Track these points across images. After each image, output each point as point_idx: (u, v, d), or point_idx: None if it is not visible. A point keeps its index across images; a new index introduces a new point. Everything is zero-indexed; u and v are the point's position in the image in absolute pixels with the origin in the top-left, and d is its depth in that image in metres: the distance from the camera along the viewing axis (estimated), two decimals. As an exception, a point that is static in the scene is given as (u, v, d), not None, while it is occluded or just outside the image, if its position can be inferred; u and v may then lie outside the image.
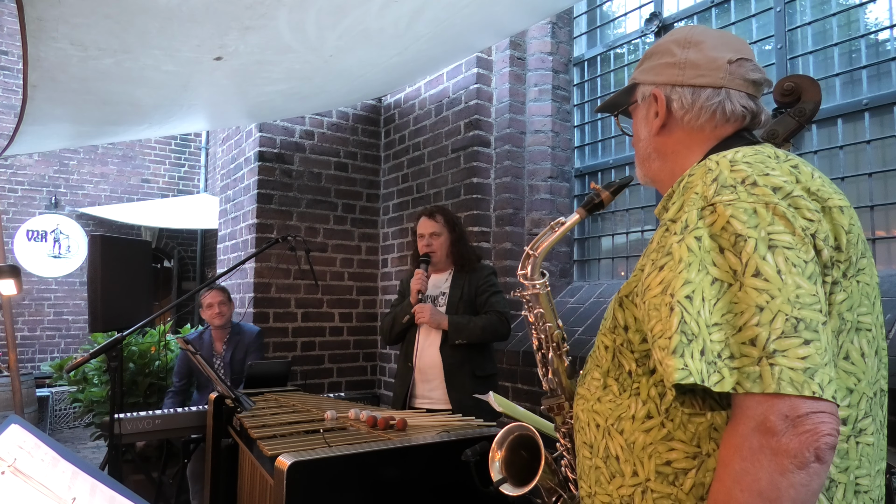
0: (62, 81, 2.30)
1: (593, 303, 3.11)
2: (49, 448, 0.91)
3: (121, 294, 3.36)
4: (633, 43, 3.26)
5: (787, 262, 0.68)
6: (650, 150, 0.97)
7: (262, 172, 3.91)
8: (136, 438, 2.78)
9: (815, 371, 0.64)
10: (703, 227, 0.72)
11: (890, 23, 2.30)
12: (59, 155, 7.21)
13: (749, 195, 0.72)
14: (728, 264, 0.70)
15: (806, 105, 0.93)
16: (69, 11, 1.74)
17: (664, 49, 0.96)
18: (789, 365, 0.64)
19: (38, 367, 6.69)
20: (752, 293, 0.67)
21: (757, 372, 0.65)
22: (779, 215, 0.70)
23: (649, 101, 0.96)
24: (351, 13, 2.09)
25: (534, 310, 1.06)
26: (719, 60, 0.90)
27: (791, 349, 0.65)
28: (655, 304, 0.73)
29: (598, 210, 1.04)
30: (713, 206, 0.73)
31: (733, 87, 0.90)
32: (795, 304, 0.66)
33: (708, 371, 0.67)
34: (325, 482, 1.52)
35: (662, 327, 0.71)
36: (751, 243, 0.69)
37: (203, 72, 2.44)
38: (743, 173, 0.74)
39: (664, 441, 0.78)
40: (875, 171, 2.29)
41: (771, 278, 0.67)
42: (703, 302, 0.69)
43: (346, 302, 4.20)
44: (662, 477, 0.78)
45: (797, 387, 0.64)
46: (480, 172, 3.47)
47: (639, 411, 0.82)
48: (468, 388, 2.38)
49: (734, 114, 0.90)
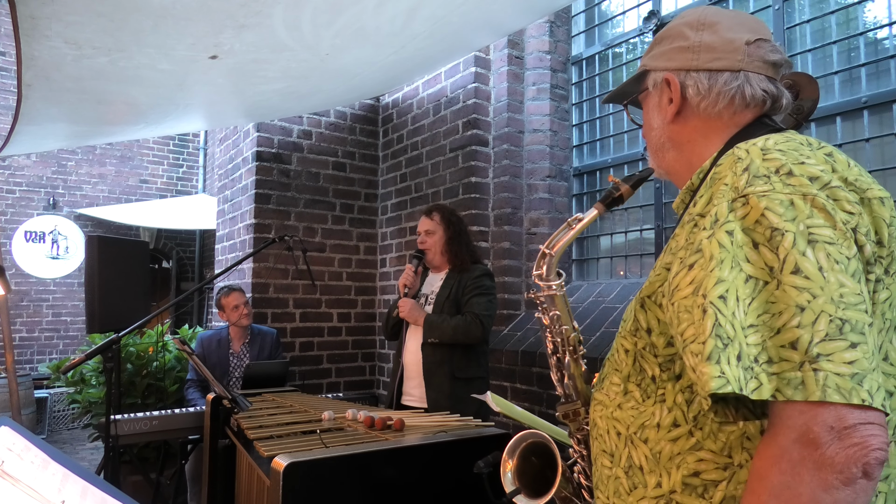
0: (57, 80, 2.29)
1: (592, 302, 3.10)
2: (39, 450, 0.90)
3: (118, 295, 3.35)
4: (632, 42, 3.25)
5: (829, 258, 0.62)
6: (664, 139, 0.91)
7: (260, 172, 3.90)
8: (133, 440, 2.77)
9: (863, 377, 0.59)
10: (735, 221, 0.67)
11: (889, 20, 2.30)
12: (56, 155, 7.20)
13: (785, 185, 0.66)
14: (763, 260, 0.64)
15: (804, 103, 0.92)
16: (62, 9, 1.73)
17: (676, 32, 0.89)
18: (835, 370, 0.59)
19: (37, 369, 6.68)
20: (792, 292, 0.61)
21: (799, 378, 0.60)
22: (818, 207, 0.65)
23: (661, 87, 0.90)
24: (346, 11, 2.08)
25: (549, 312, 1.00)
26: (737, 42, 0.83)
27: (837, 353, 0.59)
28: (686, 305, 0.68)
29: (617, 205, 0.97)
30: (745, 197, 0.67)
31: (752, 69, 0.83)
32: (840, 303, 0.61)
33: (745, 377, 0.61)
34: (321, 483, 1.51)
35: (695, 331, 0.66)
36: (789, 238, 0.63)
37: (198, 71, 2.43)
38: (777, 162, 0.69)
39: (692, 451, 0.74)
40: (874, 168, 2.28)
41: (812, 276, 0.61)
42: (737, 302, 0.64)
43: (345, 302, 4.19)
44: (690, 489, 0.74)
45: (844, 394, 0.58)
46: (479, 172, 3.46)
47: (664, 419, 0.77)
48: (445, 388, 2.40)
49: (755, 98, 0.83)
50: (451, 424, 1.92)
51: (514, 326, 3.33)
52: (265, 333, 3.50)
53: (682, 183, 0.90)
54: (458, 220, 2.66)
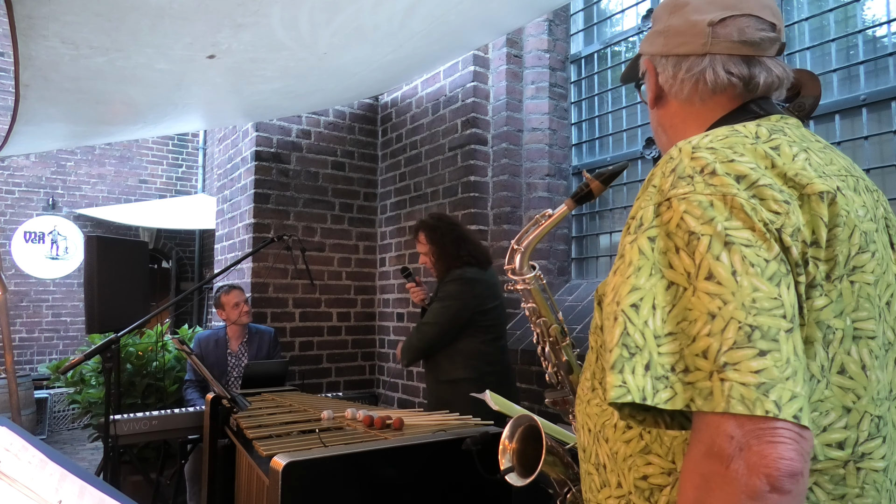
0: (55, 80, 2.29)
1: (591, 301, 3.10)
2: (37, 450, 0.90)
3: (118, 295, 3.35)
4: (631, 40, 3.25)
5: (744, 261, 0.60)
6: (654, 124, 0.92)
7: (259, 172, 3.90)
8: (133, 440, 2.77)
9: (770, 387, 0.56)
10: (660, 226, 0.65)
11: (887, 18, 2.29)
12: (56, 156, 7.19)
13: (706, 186, 0.64)
14: (683, 266, 0.62)
15: (805, 100, 0.92)
16: (59, 9, 1.72)
17: (656, 15, 0.88)
18: (741, 380, 0.56)
19: (36, 369, 6.68)
20: (705, 298, 0.59)
21: (708, 388, 0.58)
22: (736, 208, 0.62)
23: (648, 72, 0.90)
24: (344, 10, 2.08)
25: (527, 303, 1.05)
26: (699, 24, 0.79)
27: (743, 362, 0.57)
28: (608, 312, 0.67)
29: (587, 200, 1.00)
30: (669, 200, 0.65)
31: (719, 51, 0.79)
32: (751, 309, 0.58)
33: (654, 388, 0.60)
34: (320, 482, 1.51)
35: (609, 337, 0.65)
36: (704, 241, 0.61)
37: (196, 70, 2.42)
38: (702, 161, 0.66)
39: (642, 454, 0.74)
40: (873, 166, 2.28)
41: (724, 281, 0.59)
42: (653, 310, 0.62)
43: (344, 301, 4.19)
44: (640, 492, 0.74)
45: (748, 405, 0.56)
46: (478, 171, 3.46)
47: (619, 420, 0.77)
48: (433, 392, 2.55)
49: (718, 83, 0.79)
50: (451, 423, 1.92)
51: (514, 325, 3.33)
52: (263, 332, 3.49)
53: None
54: (445, 229, 2.55)
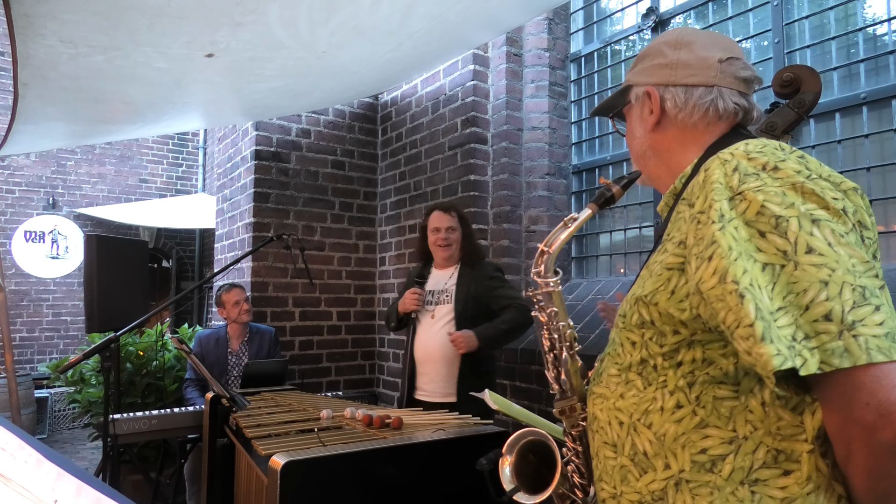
0: (53, 79, 2.28)
1: (591, 300, 3.10)
2: (33, 449, 0.89)
3: (117, 294, 3.35)
4: (630, 39, 3.24)
5: (833, 233, 0.67)
6: (645, 147, 1.00)
7: (259, 171, 3.89)
8: (133, 439, 2.76)
9: (895, 334, 0.64)
10: (737, 217, 0.71)
11: (888, 16, 2.29)
12: (56, 155, 7.19)
13: (774, 179, 0.72)
14: (774, 247, 0.68)
15: (805, 96, 0.91)
16: (57, 8, 1.72)
17: (656, 51, 0.98)
18: (871, 333, 0.63)
19: (36, 368, 6.68)
20: (811, 269, 0.66)
21: (841, 346, 0.63)
22: (807, 192, 0.70)
23: (643, 99, 0.99)
24: (343, 9, 2.07)
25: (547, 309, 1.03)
26: (710, 59, 0.93)
27: (867, 317, 0.64)
28: (717, 294, 0.70)
29: (609, 205, 1.03)
30: (741, 194, 0.72)
31: (724, 84, 0.93)
32: (855, 272, 0.65)
33: (790, 355, 0.65)
34: (319, 481, 1.51)
35: (735, 317, 0.68)
36: (794, 222, 0.68)
37: (195, 69, 2.42)
38: (761, 160, 0.75)
39: (697, 429, 0.77)
40: (873, 165, 2.27)
41: (825, 252, 0.66)
42: (760, 290, 0.68)
43: (344, 301, 4.18)
44: (698, 466, 0.77)
45: (886, 353, 0.62)
46: (477, 170, 3.45)
47: (667, 402, 0.80)
48: (466, 384, 2.41)
49: (727, 111, 0.92)
50: (450, 422, 1.91)
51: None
52: (263, 332, 3.49)
53: (664, 187, 0.98)
54: (468, 220, 2.78)
